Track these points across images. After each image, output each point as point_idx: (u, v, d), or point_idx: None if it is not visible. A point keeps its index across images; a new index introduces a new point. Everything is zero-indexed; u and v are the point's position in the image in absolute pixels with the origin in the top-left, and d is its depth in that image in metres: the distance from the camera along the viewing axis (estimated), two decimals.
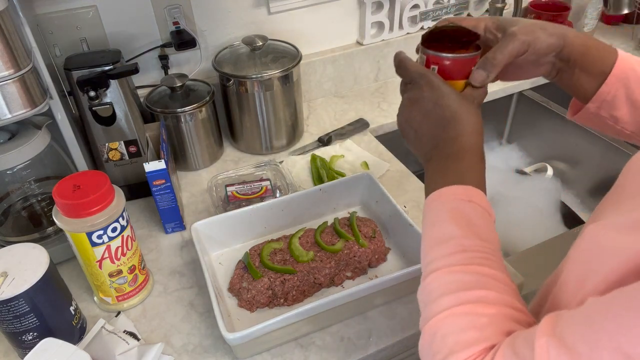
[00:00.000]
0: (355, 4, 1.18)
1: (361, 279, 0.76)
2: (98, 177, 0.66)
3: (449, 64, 0.55)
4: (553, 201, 1.15)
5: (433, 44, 0.57)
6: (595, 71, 0.58)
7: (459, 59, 0.55)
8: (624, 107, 0.57)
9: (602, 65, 0.57)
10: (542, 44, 0.56)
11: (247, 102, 0.99)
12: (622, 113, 0.58)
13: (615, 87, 0.57)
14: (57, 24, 0.91)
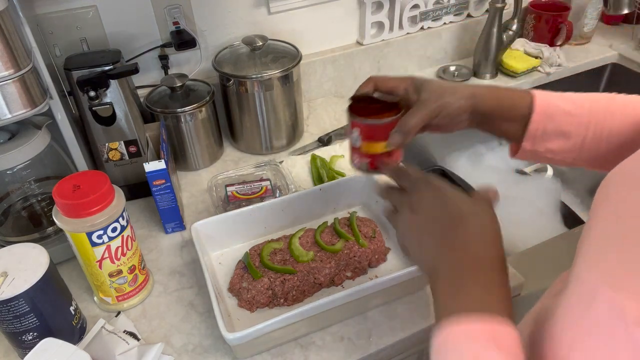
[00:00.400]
0: (355, 4, 1.18)
1: (361, 279, 0.76)
2: (98, 177, 0.66)
3: (370, 128, 0.61)
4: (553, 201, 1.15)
5: (360, 104, 0.63)
6: (514, 117, 0.62)
7: (378, 124, 0.60)
8: (556, 140, 0.61)
9: (520, 110, 0.61)
10: (452, 107, 0.60)
11: (247, 102, 0.99)
12: (556, 145, 0.61)
13: (541, 124, 0.60)
14: (57, 24, 0.91)
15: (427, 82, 0.62)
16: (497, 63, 1.29)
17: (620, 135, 0.59)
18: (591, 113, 0.60)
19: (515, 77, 1.29)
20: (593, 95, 0.61)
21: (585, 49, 1.41)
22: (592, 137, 0.60)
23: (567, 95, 0.61)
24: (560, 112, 0.60)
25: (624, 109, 0.59)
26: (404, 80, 0.63)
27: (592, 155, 0.61)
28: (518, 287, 0.75)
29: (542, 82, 1.31)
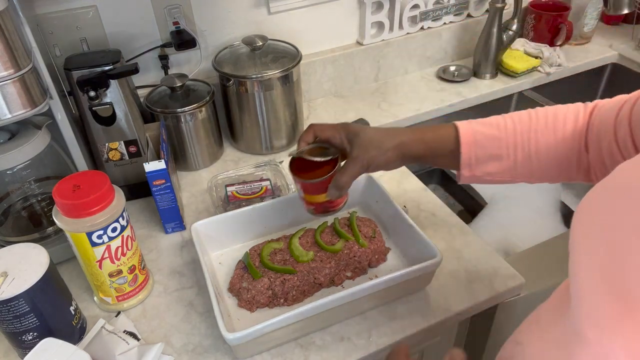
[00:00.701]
0: (355, 4, 1.18)
1: (361, 279, 0.76)
2: (98, 177, 0.66)
3: (308, 186, 0.68)
4: (553, 201, 1.15)
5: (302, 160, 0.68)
6: (444, 153, 0.66)
7: (315, 182, 0.67)
8: (491, 164, 0.64)
9: (448, 146, 0.66)
10: (380, 160, 0.66)
11: (247, 102, 0.99)
12: (492, 168, 0.64)
13: (472, 152, 0.64)
14: (57, 24, 0.91)
15: (357, 135, 0.67)
16: (497, 63, 1.29)
17: (548, 150, 0.62)
18: (516, 134, 0.63)
19: (515, 77, 1.29)
20: (517, 116, 0.64)
21: (585, 49, 1.41)
22: (522, 156, 0.63)
23: (491, 121, 0.65)
24: (486, 138, 0.64)
25: (545, 124, 0.62)
26: (338, 131, 0.68)
27: (527, 172, 0.64)
28: (518, 287, 0.75)
29: (542, 82, 1.31)
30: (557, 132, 0.61)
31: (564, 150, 0.61)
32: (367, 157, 0.66)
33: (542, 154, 0.62)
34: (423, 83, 1.29)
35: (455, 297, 0.73)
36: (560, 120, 0.61)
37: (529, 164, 0.63)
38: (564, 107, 0.63)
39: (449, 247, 0.81)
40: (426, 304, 0.72)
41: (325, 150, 0.70)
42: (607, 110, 0.58)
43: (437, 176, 1.28)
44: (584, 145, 0.60)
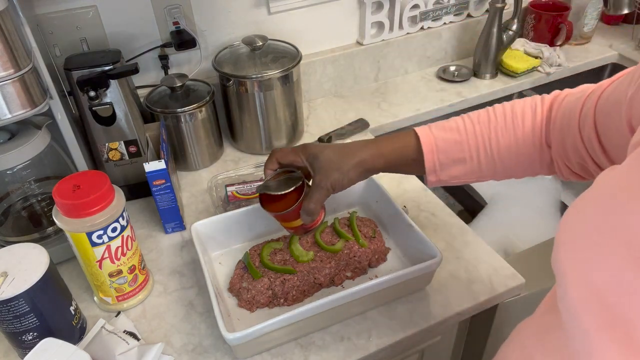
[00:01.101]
0: (355, 4, 1.18)
1: (361, 279, 0.76)
2: (98, 177, 0.66)
3: (280, 216, 0.71)
4: (553, 201, 1.15)
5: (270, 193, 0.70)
6: (408, 163, 0.67)
7: (285, 213, 0.69)
8: (455, 168, 0.64)
9: (410, 155, 0.66)
10: (342, 182, 0.66)
11: (247, 102, 0.99)
12: (457, 172, 0.65)
13: (435, 159, 0.64)
14: (57, 24, 0.91)
15: (317, 158, 0.67)
16: (497, 63, 1.29)
17: (509, 149, 0.62)
18: (477, 136, 0.63)
19: (515, 77, 1.29)
20: (476, 117, 0.64)
21: (585, 49, 1.41)
22: (485, 157, 0.63)
23: (451, 125, 0.65)
24: (447, 143, 0.64)
25: (504, 123, 0.62)
26: (298, 154, 0.69)
27: (491, 172, 0.64)
28: (518, 288, 0.75)
29: (542, 82, 1.31)
30: (517, 130, 0.61)
31: (524, 149, 0.61)
32: (329, 181, 0.66)
33: (504, 154, 0.62)
34: (423, 83, 1.29)
35: (455, 297, 0.73)
36: (519, 117, 0.61)
37: (492, 164, 0.63)
38: (521, 102, 0.63)
39: (449, 247, 0.81)
40: (426, 304, 0.72)
41: (291, 173, 0.72)
42: (570, 103, 0.57)
43: None
44: (544, 141, 0.60)
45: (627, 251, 0.32)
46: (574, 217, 0.38)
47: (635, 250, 0.31)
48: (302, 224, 0.71)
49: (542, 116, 0.61)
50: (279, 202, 0.70)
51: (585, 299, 0.34)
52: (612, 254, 0.33)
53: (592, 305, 0.34)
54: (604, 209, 0.35)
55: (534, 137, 0.61)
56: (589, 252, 0.35)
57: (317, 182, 0.67)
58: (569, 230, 0.38)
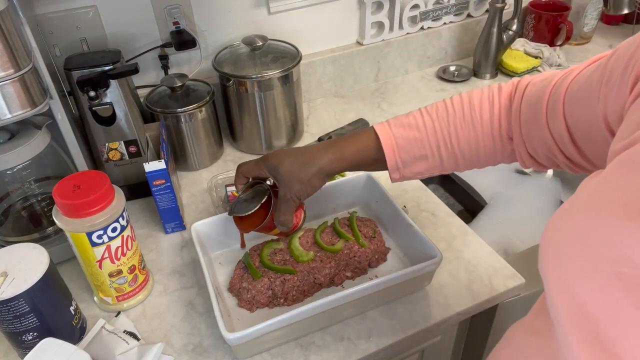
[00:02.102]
0: (355, 4, 1.18)
1: (361, 279, 0.76)
2: (98, 177, 0.66)
3: (258, 230, 0.72)
4: (553, 201, 1.15)
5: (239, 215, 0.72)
6: (369, 163, 0.66)
7: (260, 227, 0.72)
8: (417, 164, 0.64)
9: (371, 155, 0.65)
10: (306, 191, 0.67)
11: (247, 102, 0.99)
12: (419, 168, 0.65)
13: (396, 158, 0.64)
14: (57, 24, 0.91)
15: (277, 171, 0.67)
16: (497, 63, 1.29)
17: (469, 144, 0.62)
18: (436, 131, 0.62)
19: (515, 77, 1.29)
20: (435, 111, 0.63)
21: (585, 49, 1.41)
22: (446, 153, 0.63)
23: (410, 121, 0.64)
24: (407, 141, 0.63)
25: (462, 117, 0.61)
26: (260, 168, 0.70)
27: (454, 165, 0.64)
28: (518, 288, 0.75)
29: None
30: (475, 123, 0.61)
31: (484, 141, 0.61)
32: (292, 193, 0.66)
33: (465, 148, 0.62)
34: (423, 83, 1.29)
35: (455, 297, 0.73)
36: (476, 110, 0.61)
37: (454, 158, 0.63)
38: (479, 93, 0.62)
39: (449, 247, 0.81)
40: (426, 304, 0.72)
41: (260, 184, 0.74)
42: (535, 94, 0.56)
43: (437, 176, 1.28)
44: (505, 133, 0.60)
45: (611, 267, 0.31)
46: (557, 229, 0.37)
47: (618, 265, 0.31)
48: (279, 232, 0.74)
49: (499, 107, 0.60)
50: (252, 217, 0.72)
51: (570, 311, 0.34)
52: (596, 269, 0.32)
53: (577, 319, 0.33)
54: (586, 223, 0.35)
55: (493, 130, 0.60)
56: (572, 266, 0.34)
57: (282, 194, 0.67)
58: (552, 241, 0.37)
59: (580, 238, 0.35)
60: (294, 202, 0.68)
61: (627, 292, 0.30)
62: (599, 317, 0.32)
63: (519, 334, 0.50)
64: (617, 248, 0.31)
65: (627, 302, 0.30)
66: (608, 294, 0.31)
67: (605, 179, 0.36)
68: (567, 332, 0.34)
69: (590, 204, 0.35)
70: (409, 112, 0.65)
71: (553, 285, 0.36)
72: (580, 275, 0.34)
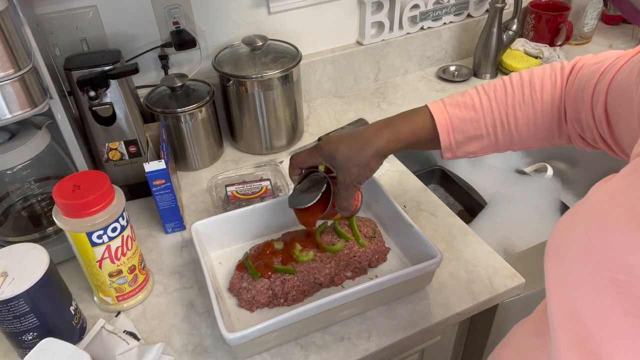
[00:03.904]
0: (355, 4, 1.18)
1: (361, 279, 0.76)
2: (98, 177, 0.66)
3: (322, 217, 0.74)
4: (553, 201, 1.15)
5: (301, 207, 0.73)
6: (424, 143, 0.66)
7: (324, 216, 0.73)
8: (471, 144, 0.64)
9: (427, 136, 0.65)
10: (365, 174, 0.66)
11: (247, 102, 0.99)
12: (473, 148, 0.64)
13: (450, 138, 0.63)
14: (57, 24, 0.91)
15: (334, 158, 0.66)
16: (497, 63, 1.29)
17: (527, 124, 0.60)
18: (493, 112, 0.61)
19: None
20: (492, 91, 0.62)
21: (585, 49, 1.41)
22: (502, 131, 0.62)
23: (466, 101, 0.63)
24: (462, 122, 0.62)
25: (522, 97, 0.60)
26: (315, 157, 0.69)
27: (509, 144, 0.63)
28: (518, 288, 0.75)
29: None
30: (535, 104, 0.59)
31: (543, 122, 0.60)
32: (352, 178, 0.66)
33: (522, 129, 0.61)
34: (423, 83, 1.29)
35: (455, 297, 0.73)
36: (537, 90, 0.59)
37: (510, 138, 0.62)
38: (540, 72, 0.61)
39: (449, 247, 0.81)
40: (426, 304, 0.72)
41: (315, 173, 0.74)
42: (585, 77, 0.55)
43: (437, 176, 1.28)
44: (563, 114, 0.59)
45: (608, 273, 0.31)
46: (565, 229, 0.38)
47: (616, 272, 0.31)
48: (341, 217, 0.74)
49: (561, 88, 0.59)
50: (313, 207, 0.71)
51: (562, 312, 0.34)
52: (594, 274, 0.32)
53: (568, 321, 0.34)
54: (591, 227, 0.35)
55: (553, 110, 0.59)
56: (572, 268, 0.35)
57: (342, 180, 0.67)
58: (558, 241, 0.38)
59: (584, 241, 0.35)
60: (355, 187, 0.67)
61: (619, 298, 0.30)
62: (588, 321, 0.32)
63: (521, 334, 0.50)
64: (617, 254, 0.31)
65: (617, 309, 0.30)
66: (601, 299, 0.32)
67: (617, 183, 0.35)
68: (557, 333, 0.34)
69: (597, 209, 0.35)
70: (465, 91, 0.64)
71: (551, 285, 0.36)
72: (577, 278, 0.34)
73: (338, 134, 0.70)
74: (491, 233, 1.05)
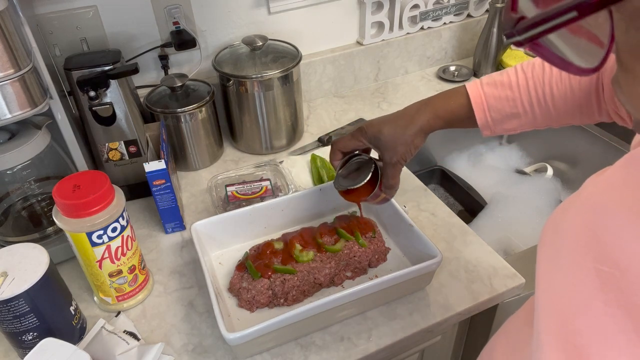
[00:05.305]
0: (355, 4, 1.18)
1: (361, 279, 0.76)
2: (98, 177, 0.66)
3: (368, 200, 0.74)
4: (553, 201, 1.15)
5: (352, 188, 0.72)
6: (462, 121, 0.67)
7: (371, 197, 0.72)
8: (509, 122, 0.65)
9: (464, 114, 0.66)
10: (411, 151, 0.68)
11: (247, 102, 0.99)
12: (512, 125, 0.65)
13: (487, 116, 0.65)
14: (57, 24, 0.91)
15: (378, 139, 0.68)
16: (497, 63, 1.29)
17: (565, 101, 0.61)
18: (529, 90, 0.62)
19: None
20: (529, 69, 0.63)
21: None
22: (540, 110, 0.62)
23: (502, 79, 0.64)
24: (498, 101, 0.64)
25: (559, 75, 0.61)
26: (359, 139, 0.71)
27: (547, 120, 0.64)
28: (518, 288, 0.75)
29: None
30: (573, 81, 0.60)
31: (580, 98, 0.60)
32: (399, 156, 0.68)
33: (560, 105, 0.61)
34: (423, 83, 1.29)
35: (455, 297, 0.73)
36: None
37: (548, 115, 0.63)
38: None
39: (449, 247, 0.81)
40: (426, 304, 0.72)
41: (356, 157, 0.74)
42: None
43: (437, 176, 1.28)
44: (601, 91, 0.59)
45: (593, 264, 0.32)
46: (557, 221, 0.38)
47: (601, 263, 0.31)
48: (384, 196, 0.74)
49: None
50: (358, 189, 0.72)
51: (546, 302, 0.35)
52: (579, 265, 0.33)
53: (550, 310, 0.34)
54: (582, 219, 0.35)
55: (591, 87, 0.59)
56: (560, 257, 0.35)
57: (388, 159, 0.68)
58: (550, 232, 0.38)
59: (575, 233, 0.35)
60: (401, 165, 0.69)
61: (602, 289, 0.31)
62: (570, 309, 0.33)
63: (514, 324, 0.50)
64: (606, 247, 0.32)
65: (599, 299, 0.31)
66: (583, 289, 0.32)
67: (610, 176, 0.36)
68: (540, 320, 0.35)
69: (590, 201, 0.36)
70: (504, 69, 0.66)
71: (541, 273, 0.37)
72: (564, 268, 0.34)
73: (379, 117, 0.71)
74: (491, 233, 1.05)
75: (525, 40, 0.23)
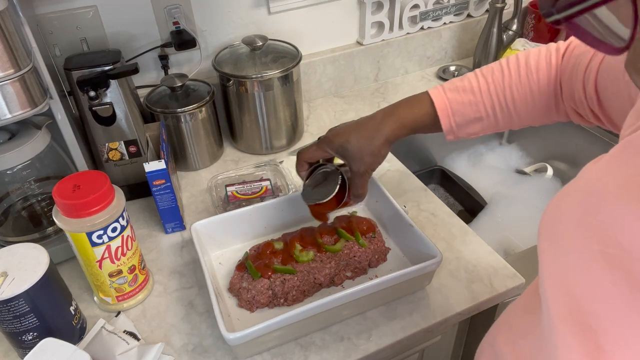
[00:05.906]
0: (355, 4, 1.18)
1: (361, 279, 0.76)
2: (98, 177, 0.66)
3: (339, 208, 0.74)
4: None
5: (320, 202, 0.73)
6: (426, 127, 0.68)
7: (340, 206, 0.73)
8: (472, 126, 0.66)
9: (428, 121, 0.67)
10: (378, 161, 0.69)
11: (247, 102, 0.99)
12: (475, 129, 0.67)
13: (451, 121, 0.66)
14: (57, 24, 0.91)
15: (345, 149, 0.69)
16: None
17: (526, 104, 0.63)
18: (491, 94, 0.64)
19: None
20: (490, 73, 0.64)
21: None
22: (501, 112, 0.64)
23: (464, 85, 0.65)
24: (462, 105, 0.65)
25: (519, 77, 0.62)
26: (325, 150, 0.72)
27: (508, 123, 0.66)
28: (518, 288, 0.75)
29: None
30: (532, 84, 0.62)
31: (540, 101, 0.62)
32: (365, 166, 0.69)
33: (521, 108, 0.63)
34: (423, 83, 1.29)
35: (455, 297, 0.73)
36: (533, 71, 0.62)
37: (509, 118, 0.65)
38: (536, 53, 0.63)
39: (449, 247, 0.81)
40: (426, 304, 0.72)
41: (321, 166, 0.76)
42: (579, 56, 0.58)
43: (437, 176, 1.28)
44: (559, 92, 0.61)
45: (599, 247, 0.33)
46: (556, 208, 0.39)
47: (606, 246, 0.32)
48: (351, 204, 0.76)
49: (557, 67, 0.61)
50: (328, 200, 0.73)
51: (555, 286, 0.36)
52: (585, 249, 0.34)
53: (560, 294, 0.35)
54: (583, 204, 0.36)
55: (549, 89, 0.61)
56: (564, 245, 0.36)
57: (356, 169, 0.69)
58: (550, 220, 0.40)
59: (576, 219, 0.36)
60: (368, 175, 0.70)
61: (610, 270, 0.32)
62: (579, 292, 0.34)
63: (514, 312, 0.51)
64: (608, 229, 0.33)
65: (606, 279, 0.32)
66: (591, 272, 0.33)
67: (607, 162, 0.37)
68: (550, 306, 0.36)
69: (588, 187, 0.37)
70: (464, 75, 0.67)
71: (545, 263, 0.38)
72: (569, 254, 0.35)
73: (343, 125, 0.73)
74: (491, 233, 1.05)
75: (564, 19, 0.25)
